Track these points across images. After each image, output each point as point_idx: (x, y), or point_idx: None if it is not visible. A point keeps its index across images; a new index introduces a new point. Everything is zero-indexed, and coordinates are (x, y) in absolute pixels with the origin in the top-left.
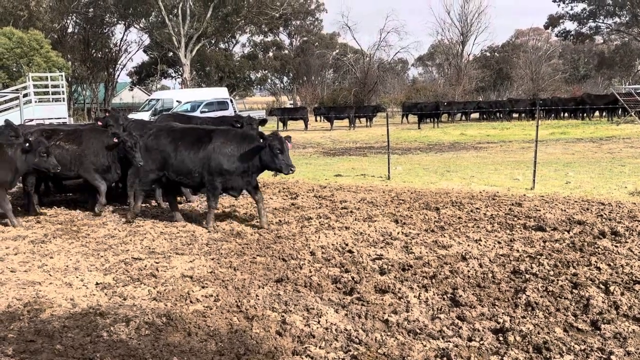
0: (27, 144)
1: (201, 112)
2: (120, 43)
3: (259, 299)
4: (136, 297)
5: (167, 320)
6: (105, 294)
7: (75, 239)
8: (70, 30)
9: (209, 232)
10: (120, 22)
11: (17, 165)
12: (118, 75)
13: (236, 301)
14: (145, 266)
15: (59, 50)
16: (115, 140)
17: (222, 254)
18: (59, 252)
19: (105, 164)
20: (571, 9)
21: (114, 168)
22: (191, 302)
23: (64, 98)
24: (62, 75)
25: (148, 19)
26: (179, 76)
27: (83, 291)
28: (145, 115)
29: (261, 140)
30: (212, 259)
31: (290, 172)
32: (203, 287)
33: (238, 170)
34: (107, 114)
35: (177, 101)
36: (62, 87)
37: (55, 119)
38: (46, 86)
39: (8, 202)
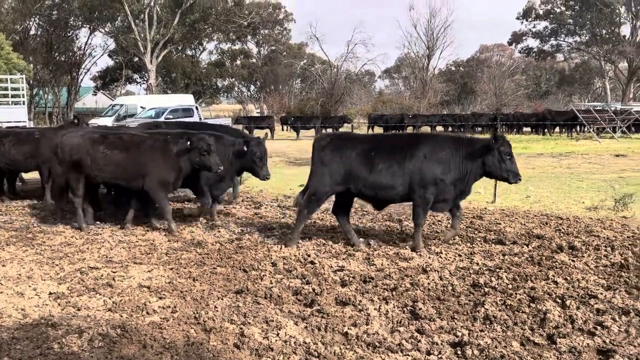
0: (189, 142)
1: (165, 118)
2: (85, 47)
3: (217, 311)
4: (91, 307)
5: (122, 332)
6: (59, 304)
7: (29, 246)
8: (32, 32)
9: (419, 254)
10: (84, 25)
11: (181, 164)
12: (81, 80)
13: (194, 313)
14: (102, 275)
15: (20, 52)
16: (245, 148)
17: (181, 264)
18: (11, 260)
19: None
20: (534, 27)
21: (228, 177)
22: (147, 313)
23: (24, 101)
24: (22, 78)
25: (114, 23)
26: (144, 82)
27: (35, 301)
28: (108, 121)
29: (493, 142)
30: (171, 269)
31: (519, 181)
32: (160, 298)
33: (453, 179)
34: (75, 120)
35: (141, 107)
36: (23, 89)
37: (15, 122)
38: (6, 88)
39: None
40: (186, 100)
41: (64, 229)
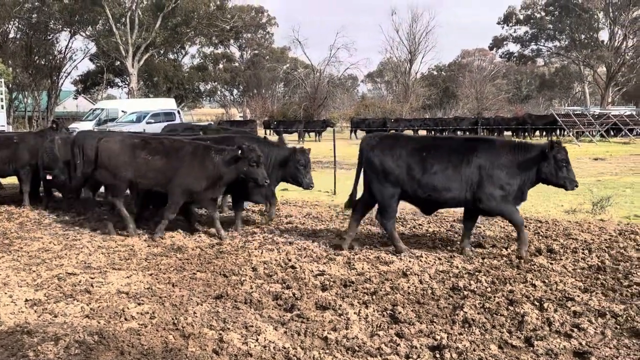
0: (240, 151)
1: (147, 123)
2: (65, 50)
3: (196, 316)
4: (68, 314)
5: (99, 339)
6: (35, 311)
7: (6, 252)
8: (11, 35)
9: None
10: (65, 29)
11: (221, 173)
12: (62, 84)
13: (173, 318)
14: (80, 282)
15: None
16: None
17: (160, 269)
18: None
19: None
20: (514, 32)
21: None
22: (126, 319)
23: (3, 105)
24: (1, 82)
25: (95, 26)
26: (126, 86)
27: (11, 308)
28: (89, 125)
29: (551, 149)
30: (150, 275)
31: (575, 187)
32: (139, 304)
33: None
34: (54, 125)
35: (122, 111)
36: (2, 94)
37: None
38: None
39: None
40: (168, 104)
41: (42, 234)
